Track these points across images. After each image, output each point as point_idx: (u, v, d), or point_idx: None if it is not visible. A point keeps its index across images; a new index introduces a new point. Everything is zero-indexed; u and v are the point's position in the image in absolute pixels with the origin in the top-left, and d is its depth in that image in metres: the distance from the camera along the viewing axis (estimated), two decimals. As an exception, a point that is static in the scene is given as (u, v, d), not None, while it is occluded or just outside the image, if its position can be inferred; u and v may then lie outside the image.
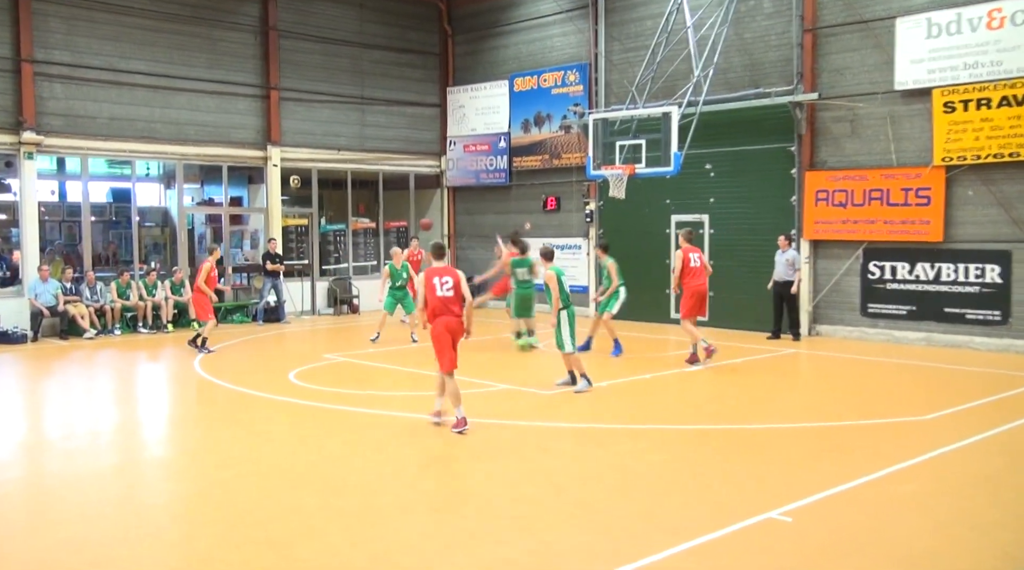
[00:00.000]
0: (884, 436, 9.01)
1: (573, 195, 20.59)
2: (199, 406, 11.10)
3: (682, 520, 6.38)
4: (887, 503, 6.76)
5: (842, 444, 8.67)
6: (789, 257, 15.86)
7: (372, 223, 23.13)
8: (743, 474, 7.56)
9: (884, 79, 15.45)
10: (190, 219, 21.10)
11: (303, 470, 7.73)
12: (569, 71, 20.31)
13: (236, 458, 8.21)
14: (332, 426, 9.47)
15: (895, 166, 15.45)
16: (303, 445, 8.63)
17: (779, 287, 15.98)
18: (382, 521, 6.42)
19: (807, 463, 7.94)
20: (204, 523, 6.47)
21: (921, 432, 9.12)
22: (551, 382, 11.74)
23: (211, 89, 19.39)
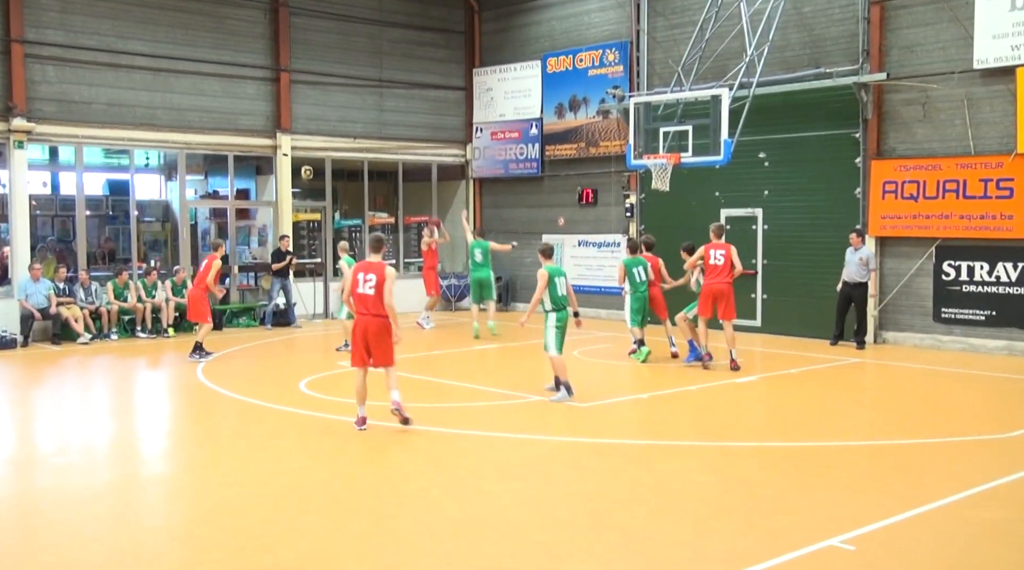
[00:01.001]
0: (959, 456, 8.87)
1: (612, 187, 20.52)
2: (202, 418, 11.19)
3: (732, 548, 6.31)
4: (962, 531, 6.65)
5: (912, 464, 8.54)
6: (863, 256, 15.62)
7: (391, 218, 23.23)
8: (800, 497, 7.48)
9: (961, 57, 15.23)
10: (193, 213, 21.32)
11: (314, 489, 7.77)
12: (608, 50, 20.25)
13: (241, 476, 8.27)
14: (346, 441, 9.50)
15: (973, 154, 15.22)
16: (314, 462, 8.67)
17: (849, 288, 15.77)
18: (399, 547, 6.42)
19: (872, 485, 7.84)
20: (206, 548, 6.52)
21: (1002, 451, 8.97)
22: (590, 394, 11.69)
23: (217, 71, 19.57)
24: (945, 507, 7.14)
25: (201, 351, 14.85)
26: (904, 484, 7.85)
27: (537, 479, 8.07)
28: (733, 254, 13.50)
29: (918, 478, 8.05)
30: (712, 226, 13.97)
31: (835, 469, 8.40)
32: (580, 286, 21.16)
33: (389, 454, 8.98)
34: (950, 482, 7.77)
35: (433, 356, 15.37)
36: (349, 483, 8.00)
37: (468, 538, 6.60)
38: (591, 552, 6.29)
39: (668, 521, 6.91)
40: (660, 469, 8.35)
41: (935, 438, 9.60)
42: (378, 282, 9.50)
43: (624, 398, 11.85)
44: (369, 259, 9.81)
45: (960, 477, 7.93)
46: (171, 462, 9.13)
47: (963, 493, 7.45)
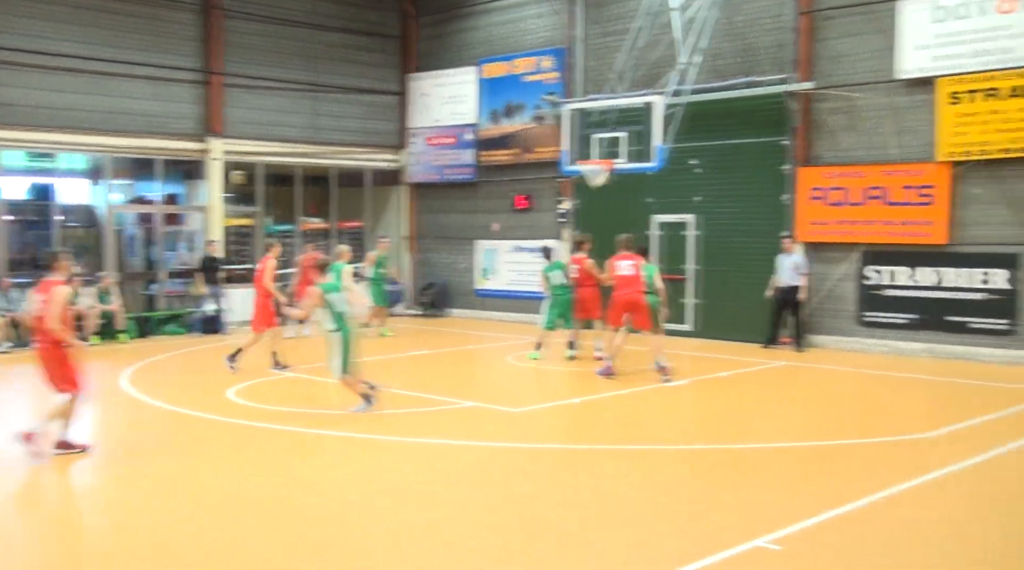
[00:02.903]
0: (882, 456, 9.09)
1: (546, 193, 20.63)
2: (127, 428, 10.94)
3: (666, 550, 6.38)
4: (885, 529, 6.81)
5: (836, 465, 8.73)
6: (795, 260, 16.06)
7: (324, 224, 23.02)
8: (730, 498, 7.60)
9: (885, 67, 15.66)
10: (119, 218, 20.86)
11: (250, 499, 7.64)
12: (544, 56, 20.37)
13: (169, 486, 8.10)
14: (277, 449, 9.38)
15: (896, 162, 15.64)
16: (250, 471, 8.53)
17: (783, 292, 16.15)
18: (334, 555, 6.36)
19: (798, 486, 8.00)
20: (133, 561, 6.37)
21: (923, 451, 9.22)
22: (524, 399, 11.72)
23: (146, 74, 19.20)
24: (869, 506, 7.31)
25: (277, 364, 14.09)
26: (830, 484, 8.02)
27: (473, 485, 8.06)
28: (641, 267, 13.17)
29: (843, 478, 8.23)
30: (619, 238, 13.55)
31: (764, 470, 8.54)
32: (514, 292, 21.24)
33: (323, 462, 8.89)
34: (874, 482, 7.95)
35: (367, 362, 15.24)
36: (287, 491, 7.88)
37: (404, 545, 6.57)
38: (527, 557, 6.30)
39: (602, 525, 6.96)
40: (594, 473, 8.41)
41: (860, 439, 9.83)
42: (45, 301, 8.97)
43: (557, 403, 11.91)
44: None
45: (883, 477, 8.12)
46: (94, 474, 8.90)
47: (885, 492, 7.63)
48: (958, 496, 7.71)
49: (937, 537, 6.68)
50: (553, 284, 14.78)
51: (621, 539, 6.62)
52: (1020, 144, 14.28)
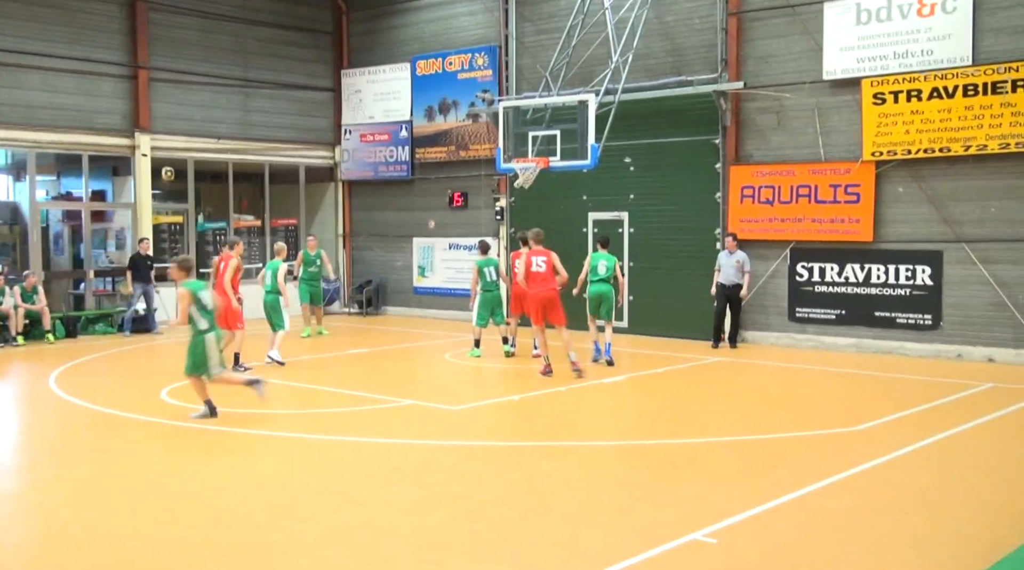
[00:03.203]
0: (813, 449, 9.30)
1: (482, 190, 20.63)
2: (54, 431, 10.65)
3: (601, 546, 6.44)
4: (817, 520, 6.97)
5: (769, 458, 8.90)
6: (739, 258, 16.10)
7: (257, 221, 22.70)
8: (666, 493, 7.70)
9: (812, 68, 15.98)
10: (44, 216, 20.31)
11: (178, 502, 7.51)
12: (477, 54, 20.35)
13: (98, 490, 7.92)
14: (212, 450, 9.24)
15: (823, 161, 15.99)
16: (178, 472, 8.38)
17: (727, 290, 16.16)
18: (270, 557, 6.29)
19: (732, 480, 8.13)
20: (59, 567, 6.22)
21: (852, 444, 9.45)
22: (462, 397, 11.71)
23: (70, 67, 18.70)
24: (800, 498, 7.47)
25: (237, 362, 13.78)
26: (762, 478, 8.17)
27: (410, 483, 8.03)
28: (555, 260, 13.20)
29: (775, 471, 8.39)
30: (531, 232, 13.50)
31: (699, 465, 8.67)
32: (451, 289, 21.20)
33: (259, 462, 8.77)
34: (805, 474, 8.13)
35: (300, 361, 15.10)
36: (217, 493, 7.77)
37: (341, 545, 6.52)
38: (465, 554, 6.31)
39: (540, 521, 6.99)
40: (531, 470, 8.44)
41: (791, 432, 10.04)
42: None
43: (495, 400, 11.93)
44: None
45: (814, 469, 8.31)
46: (18, 478, 8.65)
47: (817, 484, 7.81)
48: (885, 486, 7.92)
49: (869, 524, 6.86)
50: (486, 280, 14.83)
51: (556, 535, 6.66)
52: (940, 144, 14.71)
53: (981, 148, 14.35)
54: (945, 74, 14.57)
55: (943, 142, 14.69)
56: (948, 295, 14.96)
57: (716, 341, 16.39)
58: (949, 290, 14.96)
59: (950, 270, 14.95)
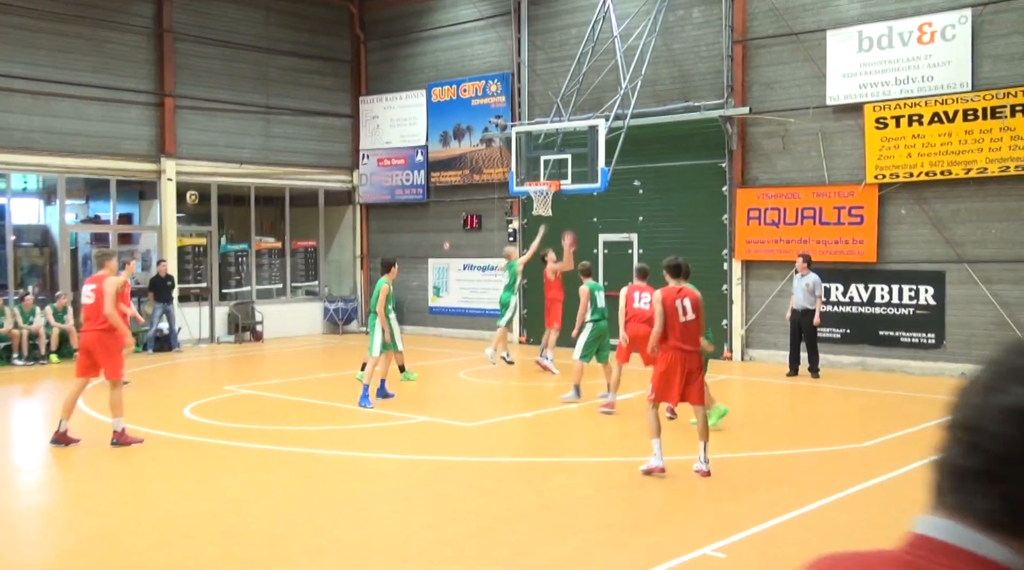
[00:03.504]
0: (820, 465, 9.22)
1: (495, 213, 20.66)
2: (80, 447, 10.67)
3: (614, 561, 6.38)
4: (825, 536, 6.90)
5: (777, 475, 8.83)
6: (809, 282, 14.68)
7: (278, 243, 22.77)
8: (676, 509, 7.64)
9: (816, 93, 15.98)
10: (73, 238, 20.43)
11: (200, 516, 7.49)
12: (490, 81, 20.43)
13: (123, 504, 7.92)
14: (233, 465, 9.23)
15: (827, 183, 15.95)
16: (200, 487, 8.37)
17: (798, 316, 14.81)
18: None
19: (741, 495, 8.07)
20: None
21: (858, 460, 9.36)
22: (476, 414, 11.67)
23: (98, 95, 18.86)
24: (808, 514, 7.40)
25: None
26: (770, 493, 8.10)
27: (424, 499, 7.99)
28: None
29: (783, 487, 8.32)
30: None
31: (710, 481, 8.60)
32: (465, 309, 21.20)
33: (277, 477, 8.75)
34: (812, 490, 8.06)
35: (319, 379, 15.09)
36: (237, 508, 7.74)
37: (357, 560, 6.48)
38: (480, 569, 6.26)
39: (554, 536, 6.94)
40: (544, 486, 8.39)
41: (797, 449, 9.96)
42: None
43: (509, 417, 11.89)
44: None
45: (822, 485, 8.23)
46: (47, 492, 8.67)
47: (824, 500, 7.74)
48: (892, 502, 7.83)
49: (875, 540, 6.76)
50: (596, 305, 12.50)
51: (568, 551, 6.61)
52: (941, 167, 14.65)
53: (981, 171, 14.29)
54: (945, 99, 14.53)
55: (944, 165, 14.63)
56: (951, 315, 14.86)
57: (792, 369, 14.94)
58: (952, 310, 14.85)
59: (952, 290, 14.85)
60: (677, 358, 8.42)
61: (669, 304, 8.44)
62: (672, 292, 8.59)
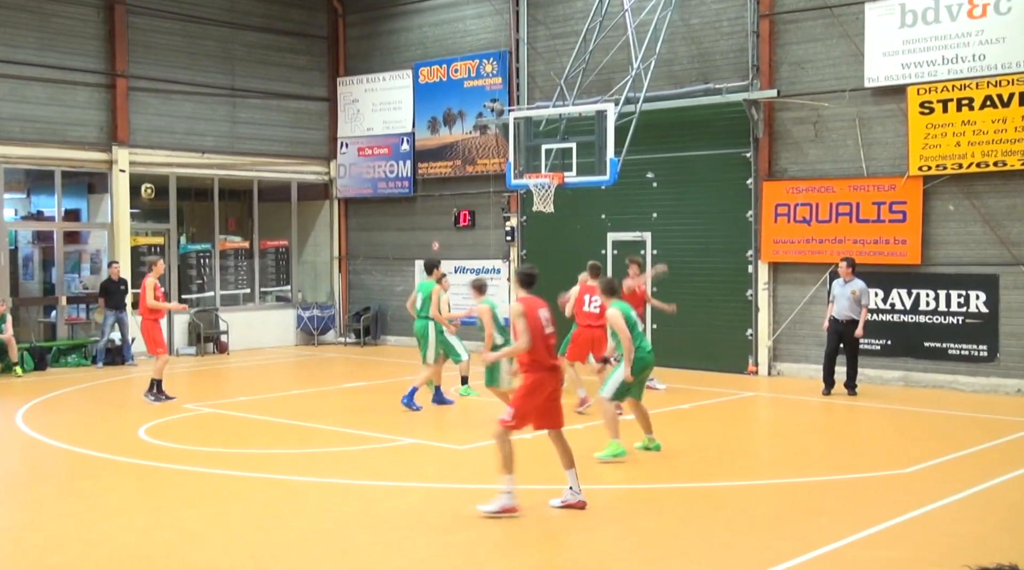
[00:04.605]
0: (858, 493, 9.23)
1: (491, 209, 20.68)
2: (22, 472, 10.67)
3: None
4: (863, 574, 6.91)
5: (807, 504, 8.84)
6: (856, 288, 14.56)
7: (245, 242, 22.79)
8: (696, 542, 7.64)
9: (853, 74, 16.02)
10: (13, 237, 20.43)
11: (156, 550, 7.49)
12: (485, 60, 20.48)
13: (70, 538, 7.91)
14: (194, 494, 9.22)
15: (865, 176, 15.98)
16: (157, 518, 8.37)
17: (840, 326, 14.67)
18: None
19: (772, 526, 8.08)
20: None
21: (900, 488, 9.37)
22: (469, 436, 11.67)
23: (41, 75, 18.88)
24: (842, 549, 7.40)
25: (157, 392, 14.17)
26: (803, 524, 8.11)
27: (410, 530, 7.99)
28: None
29: (814, 518, 8.33)
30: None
31: (730, 511, 8.61)
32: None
33: (244, 507, 8.75)
34: (846, 522, 8.06)
35: (291, 396, 15.10)
36: (198, 542, 7.74)
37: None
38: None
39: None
40: (543, 515, 8.39)
41: (832, 475, 9.96)
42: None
43: (505, 439, 11.87)
44: None
45: (856, 517, 8.24)
46: (-14, 524, 8.66)
47: (863, 533, 7.74)
48: (936, 536, 7.84)
49: (917, 581, 6.79)
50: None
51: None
52: (994, 158, 14.70)
53: (1040, 162, 14.35)
54: (999, 81, 14.58)
55: (998, 155, 14.67)
56: (1005, 324, 14.89)
57: (828, 386, 14.85)
58: (1006, 318, 14.88)
59: (1007, 296, 14.88)
60: (544, 378, 8.40)
61: (533, 316, 8.32)
62: (535, 302, 8.49)
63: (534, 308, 8.39)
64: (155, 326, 14.33)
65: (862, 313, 14.57)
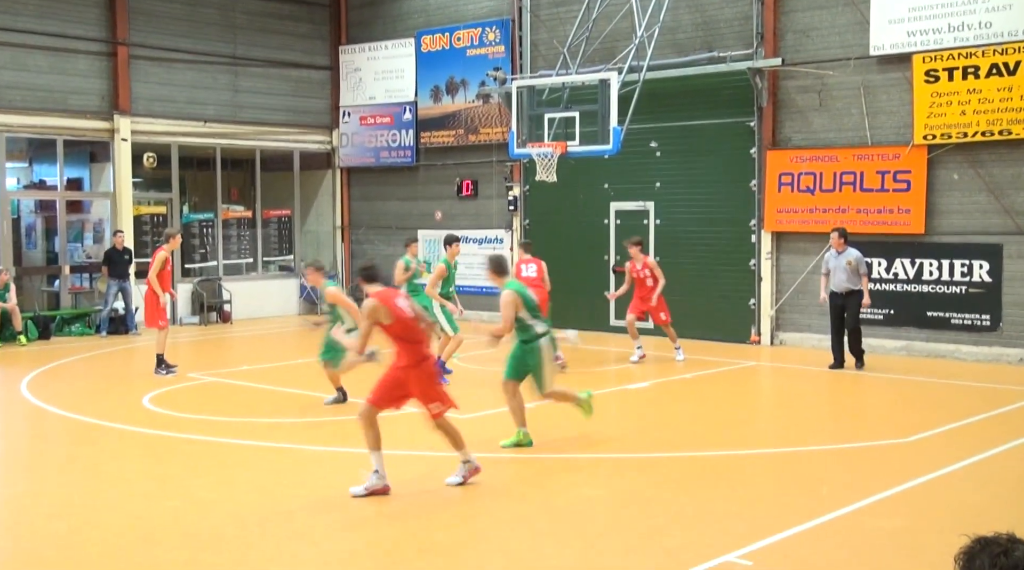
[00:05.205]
0: (859, 463, 9.28)
1: (493, 178, 20.64)
2: (26, 441, 10.74)
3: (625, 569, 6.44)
4: (862, 542, 6.95)
5: (811, 473, 8.89)
6: (851, 258, 14.11)
7: (248, 211, 22.79)
8: (696, 511, 7.69)
9: (857, 42, 15.92)
10: (15, 206, 20.43)
11: (162, 519, 7.55)
12: (488, 28, 20.36)
13: (75, 505, 7.98)
14: (199, 462, 9.28)
15: (870, 145, 15.93)
16: (162, 487, 8.43)
17: (841, 299, 14.23)
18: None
19: (770, 497, 8.13)
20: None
21: (901, 457, 9.42)
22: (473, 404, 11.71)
23: (41, 43, 18.80)
24: (844, 517, 7.45)
25: (164, 365, 14.09)
26: (803, 494, 8.16)
27: (415, 499, 8.05)
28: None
29: (817, 488, 8.37)
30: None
31: (733, 480, 8.66)
32: (460, 287, 21.19)
33: (250, 476, 8.81)
34: (849, 491, 8.11)
35: (295, 365, 15.15)
36: (204, 510, 7.80)
37: (337, 568, 6.54)
38: (474, 578, 6.33)
39: (556, 541, 6.99)
40: (548, 486, 8.45)
41: (835, 444, 10.02)
42: None
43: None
44: None
45: (859, 485, 8.29)
46: (-7, 492, 8.73)
47: (863, 502, 7.79)
48: (937, 505, 7.89)
49: (918, 547, 6.84)
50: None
51: (573, 558, 6.67)
52: (999, 126, 14.63)
53: (1045, 131, 14.29)
54: (1006, 48, 14.49)
55: (1003, 124, 14.61)
56: (1008, 293, 14.89)
57: (838, 361, 14.38)
58: (1010, 287, 14.88)
59: (1011, 265, 14.88)
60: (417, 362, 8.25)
61: (394, 306, 8.06)
62: (391, 293, 8.29)
63: (390, 298, 8.13)
64: (158, 298, 14.32)
65: (863, 282, 14.19)
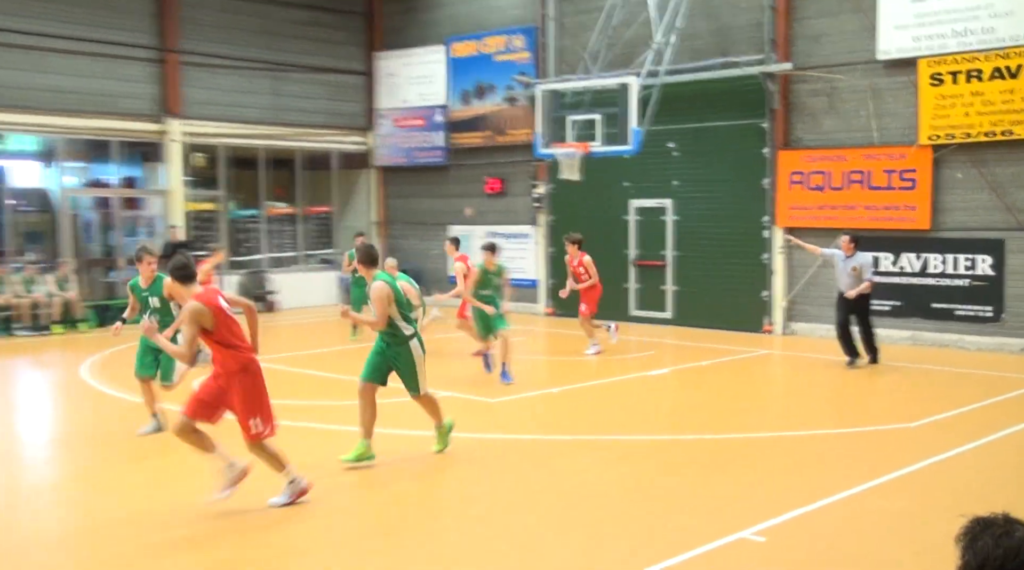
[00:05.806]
0: (866, 446, 9.25)
1: (520, 177, 20.65)
2: (87, 421, 10.88)
3: (641, 544, 6.47)
4: (869, 521, 6.94)
5: (820, 455, 8.87)
6: (857, 264, 13.52)
7: (291, 208, 22.92)
8: (711, 490, 7.70)
9: (865, 47, 15.80)
10: (74, 202, 20.65)
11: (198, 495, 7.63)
12: (514, 35, 20.35)
13: (134, 486, 8.08)
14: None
15: (877, 145, 15.82)
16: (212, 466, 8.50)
17: (845, 302, 13.69)
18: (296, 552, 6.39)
19: (782, 477, 8.12)
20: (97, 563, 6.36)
21: (907, 441, 9.38)
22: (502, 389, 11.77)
23: (97, 51, 18.95)
24: (852, 498, 7.44)
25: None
26: (813, 475, 8.15)
27: (430, 480, 8.10)
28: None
29: (826, 469, 8.37)
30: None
31: (745, 461, 8.66)
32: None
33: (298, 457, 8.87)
34: (857, 473, 8.09)
35: (335, 352, 15.25)
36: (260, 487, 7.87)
37: (352, 546, 6.61)
38: (493, 554, 6.36)
39: (575, 518, 7.02)
40: (567, 466, 8.48)
41: (843, 429, 9.99)
42: None
43: (535, 393, 11.97)
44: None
45: (867, 468, 8.26)
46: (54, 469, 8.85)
47: (869, 483, 7.78)
48: (940, 487, 7.86)
49: (923, 528, 6.82)
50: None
51: (591, 534, 6.69)
52: (1001, 127, 14.49)
53: (1046, 131, 14.13)
54: (1007, 53, 14.34)
55: (1005, 125, 14.47)
56: (1010, 286, 14.76)
57: (851, 357, 13.68)
58: (1011, 281, 14.75)
59: (1012, 259, 14.74)
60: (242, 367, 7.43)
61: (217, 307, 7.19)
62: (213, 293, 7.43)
63: (213, 300, 7.26)
64: None
65: (866, 286, 13.41)
